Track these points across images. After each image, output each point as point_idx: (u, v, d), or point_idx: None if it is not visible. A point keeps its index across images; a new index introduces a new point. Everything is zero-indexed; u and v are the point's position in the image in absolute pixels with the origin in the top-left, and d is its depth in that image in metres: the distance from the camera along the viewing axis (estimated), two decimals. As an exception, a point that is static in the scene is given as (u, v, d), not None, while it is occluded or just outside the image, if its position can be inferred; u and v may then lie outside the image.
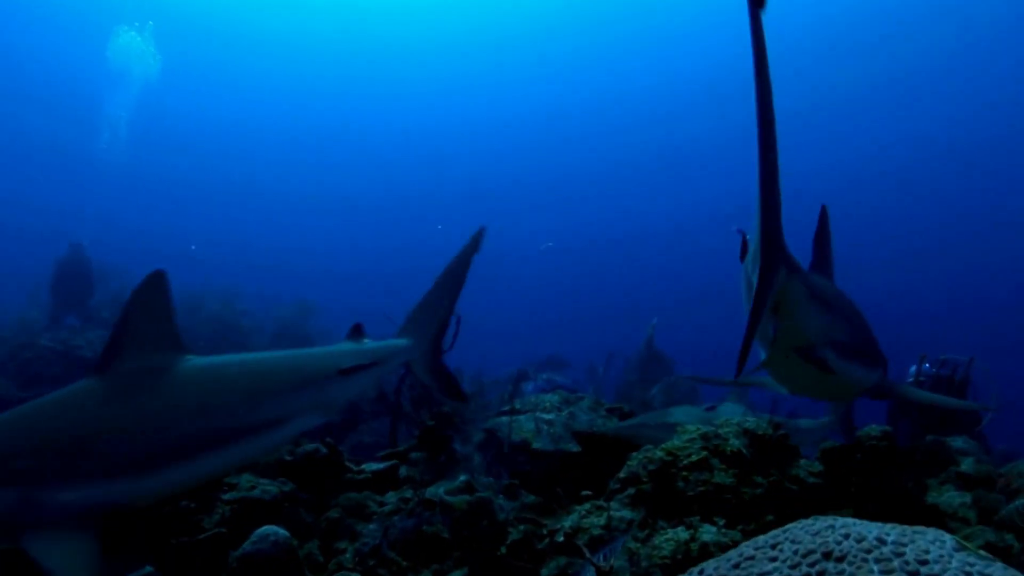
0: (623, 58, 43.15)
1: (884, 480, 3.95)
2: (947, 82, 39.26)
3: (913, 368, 7.83)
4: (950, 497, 3.68)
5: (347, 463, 5.34)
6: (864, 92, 40.55)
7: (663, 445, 3.67)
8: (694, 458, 3.45)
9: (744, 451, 3.51)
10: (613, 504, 3.71)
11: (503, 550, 3.73)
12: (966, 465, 4.33)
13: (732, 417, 3.79)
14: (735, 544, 2.32)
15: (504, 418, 4.88)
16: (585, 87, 45.40)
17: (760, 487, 3.35)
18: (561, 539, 3.66)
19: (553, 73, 45.06)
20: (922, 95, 40.13)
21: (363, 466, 5.41)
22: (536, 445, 4.69)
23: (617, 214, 50.34)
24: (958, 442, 6.73)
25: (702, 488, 3.33)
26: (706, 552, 2.90)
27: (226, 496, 4.79)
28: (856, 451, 3.71)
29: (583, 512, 3.75)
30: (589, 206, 50.63)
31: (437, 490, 4.31)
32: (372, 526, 4.59)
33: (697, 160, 47.04)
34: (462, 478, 4.08)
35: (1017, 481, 4.02)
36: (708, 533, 3.00)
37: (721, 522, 3.06)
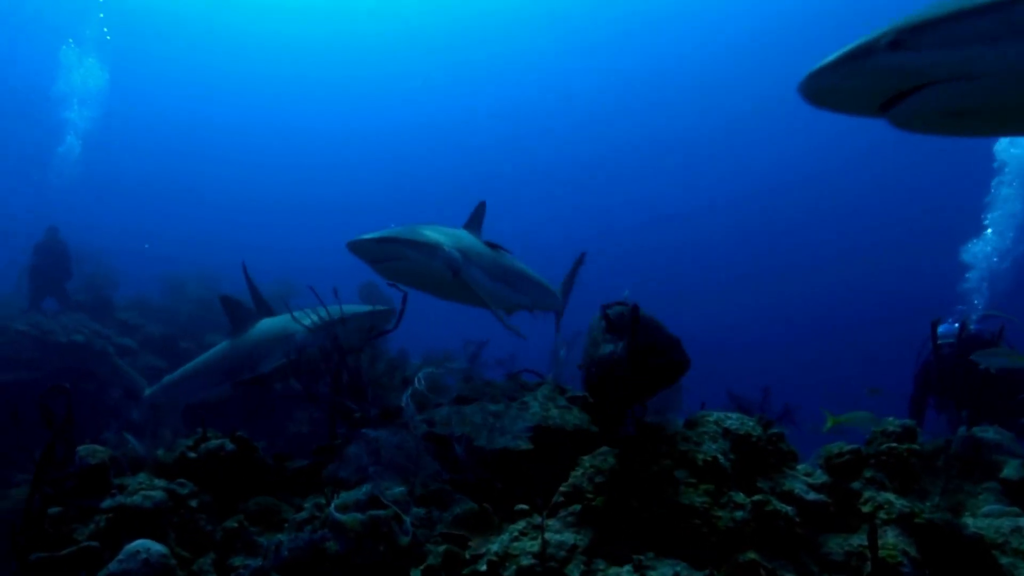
0: (602, 48, 41.34)
1: (906, 492, 3.08)
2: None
3: (944, 327, 6.52)
4: (996, 523, 2.79)
5: (266, 459, 4.56)
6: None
7: (617, 451, 2.80)
8: (655, 468, 2.58)
9: (721, 459, 2.64)
10: (552, 523, 2.87)
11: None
12: (1010, 469, 3.45)
13: (709, 414, 2.90)
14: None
15: (444, 409, 4.04)
16: (566, 78, 43.56)
17: (741, 509, 2.48)
18: (484, 568, 2.83)
19: (528, 67, 43.29)
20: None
21: (287, 463, 4.63)
22: (480, 442, 3.85)
23: (601, 198, 48.63)
24: (989, 433, 5.78)
25: (663, 510, 2.46)
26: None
27: (105, 503, 4.01)
28: (870, 457, 2.84)
29: (515, 533, 2.91)
30: (568, 194, 48.96)
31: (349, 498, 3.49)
32: (281, 537, 3.82)
33: (680, 150, 45.22)
34: (364, 489, 3.24)
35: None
36: (661, 579, 2.14)
37: (679, 567, 2.19)
